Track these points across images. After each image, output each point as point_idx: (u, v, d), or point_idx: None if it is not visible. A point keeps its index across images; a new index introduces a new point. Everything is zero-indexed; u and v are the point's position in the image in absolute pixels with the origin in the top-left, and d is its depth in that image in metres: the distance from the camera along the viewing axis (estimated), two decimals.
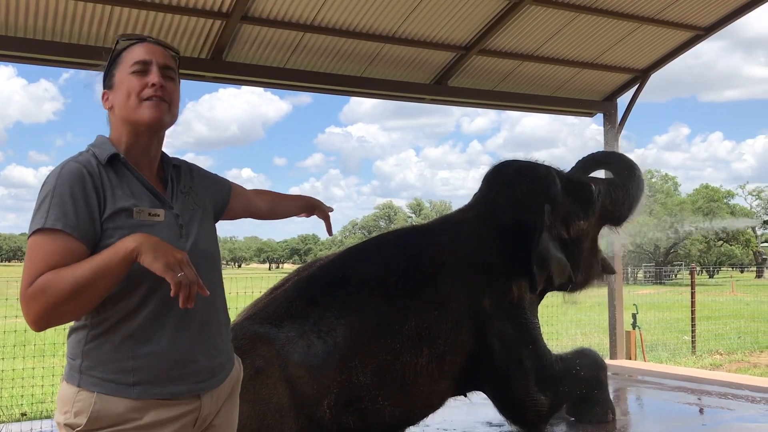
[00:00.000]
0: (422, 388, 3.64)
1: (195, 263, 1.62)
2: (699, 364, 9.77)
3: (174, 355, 1.62)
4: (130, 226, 1.59)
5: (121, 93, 1.71)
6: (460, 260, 3.90)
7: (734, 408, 4.93)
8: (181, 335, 1.63)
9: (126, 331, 1.58)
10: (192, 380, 1.64)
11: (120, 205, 1.60)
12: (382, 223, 73.31)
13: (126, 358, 1.58)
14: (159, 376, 1.60)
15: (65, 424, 1.59)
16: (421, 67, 6.49)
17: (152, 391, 1.59)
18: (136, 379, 1.58)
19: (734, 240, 45.69)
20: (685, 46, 6.93)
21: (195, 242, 1.71)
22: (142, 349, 1.59)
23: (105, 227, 1.58)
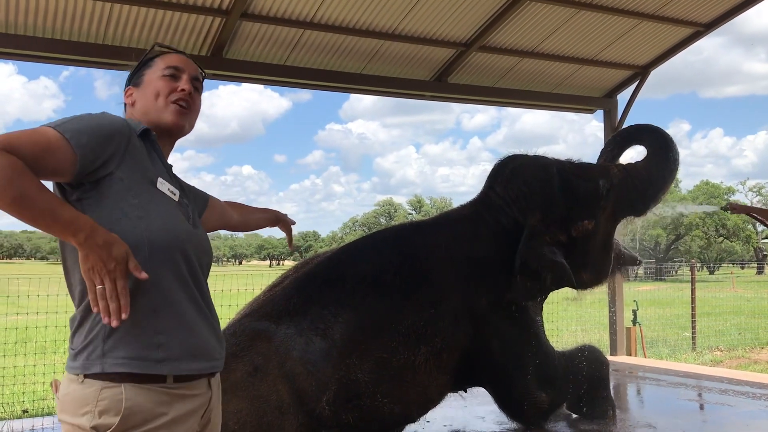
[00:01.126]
0: (420, 385, 3.65)
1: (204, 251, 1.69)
2: (699, 360, 9.78)
3: (194, 331, 1.58)
4: (151, 194, 1.58)
5: (148, 92, 1.75)
6: (458, 258, 3.89)
7: (734, 404, 4.94)
8: (195, 314, 1.60)
9: (147, 306, 1.52)
10: (209, 358, 1.62)
11: (144, 170, 1.59)
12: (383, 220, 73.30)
13: (152, 333, 1.52)
14: (184, 352, 1.55)
15: (92, 427, 1.46)
16: (422, 63, 6.49)
17: (180, 366, 1.54)
18: (163, 354, 1.52)
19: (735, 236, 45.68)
20: (685, 42, 6.92)
21: (203, 234, 1.74)
22: (166, 324, 1.54)
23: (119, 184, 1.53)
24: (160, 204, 1.58)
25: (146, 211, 1.54)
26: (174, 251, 1.56)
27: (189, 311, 1.58)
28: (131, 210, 1.52)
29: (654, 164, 4.22)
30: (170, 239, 1.56)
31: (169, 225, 1.57)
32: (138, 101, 1.76)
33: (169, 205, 1.61)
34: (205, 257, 1.70)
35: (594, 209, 4.06)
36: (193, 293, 1.60)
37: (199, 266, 1.64)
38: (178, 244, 1.57)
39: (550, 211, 3.95)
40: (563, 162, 4.21)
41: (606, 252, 4.22)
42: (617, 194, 4.14)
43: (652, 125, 4.39)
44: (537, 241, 3.86)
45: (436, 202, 75.27)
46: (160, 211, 1.57)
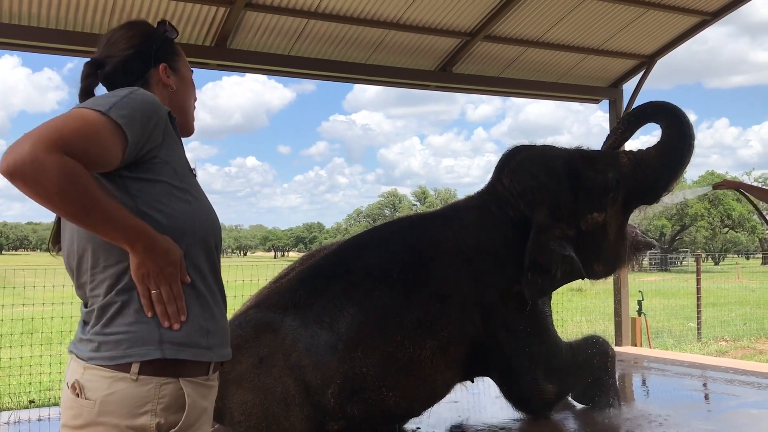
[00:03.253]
0: (427, 378, 3.64)
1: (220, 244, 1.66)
2: (704, 350, 9.77)
3: (224, 318, 1.59)
4: (190, 180, 1.55)
5: (188, 91, 1.75)
6: (465, 250, 3.88)
7: (740, 394, 4.93)
8: (221, 301, 1.60)
9: (192, 293, 1.48)
10: (229, 345, 1.61)
11: (181, 156, 1.57)
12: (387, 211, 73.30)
13: (200, 319, 1.48)
14: (222, 339, 1.54)
15: (156, 426, 1.37)
16: (426, 53, 6.46)
17: (221, 352, 1.53)
18: (210, 341, 1.49)
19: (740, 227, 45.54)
20: (691, 31, 6.87)
21: None
22: (209, 311, 1.51)
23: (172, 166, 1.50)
24: (199, 190, 1.58)
25: (193, 196, 1.52)
26: (210, 239, 1.55)
27: (218, 298, 1.57)
28: (181, 194, 1.49)
29: (667, 153, 4.07)
30: (210, 226, 1.56)
31: (208, 213, 1.57)
32: (179, 93, 1.71)
33: (203, 192, 1.60)
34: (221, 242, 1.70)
35: (603, 201, 3.97)
36: (219, 281, 1.60)
37: (218, 255, 1.64)
38: (214, 232, 1.57)
39: (558, 206, 3.89)
40: (572, 152, 4.11)
41: (619, 241, 4.14)
42: (627, 184, 4.04)
43: (669, 104, 4.17)
44: (545, 236, 3.82)
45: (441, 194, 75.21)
46: (201, 198, 1.56)
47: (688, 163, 4.13)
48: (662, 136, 4.11)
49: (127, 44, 1.66)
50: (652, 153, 4.08)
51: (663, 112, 4.17)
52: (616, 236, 4.11)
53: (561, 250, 3.81)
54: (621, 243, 4.16)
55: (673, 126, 4.08)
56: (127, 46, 1.66)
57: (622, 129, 4.34)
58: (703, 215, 43.85)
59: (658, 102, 4.25)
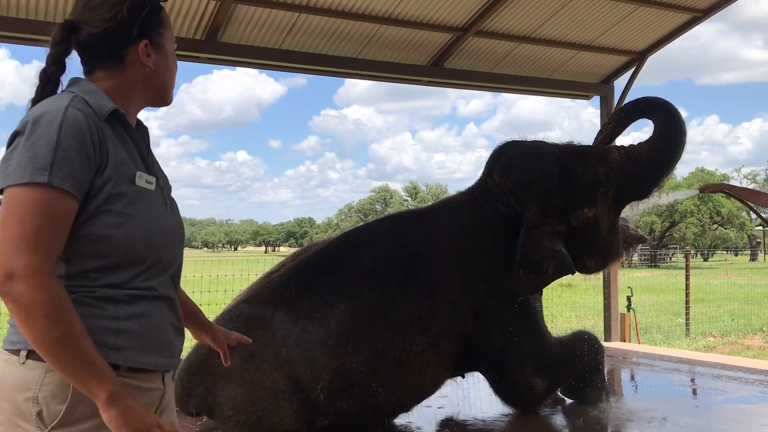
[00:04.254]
0: (417, 375, 3.65)
1: (179, 243, 1.58)
2: (693, 346, 9.84)
3: (154, 323, 1.48)
4: (131, 194, 1.43)
5: (170, 67, 1.61)
6: (456, 246, 3.88)
7: (727, 389, 4.97)
8: (160, 308, 1.50)
9: (104, 293, 1.41)
10: (168, 353, 1.52)
11: (122, 168, 1.43)
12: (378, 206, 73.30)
13: (108, 317, 1.41)
14: (142, 343, 1.45)
15: (36, 414, 1.34)
16: (418, 48, 6.45)
17: (137, 358, 1.43)
18: (120, 342, 1.41)
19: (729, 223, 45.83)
20: (682, 28, 6.89)
21: (179, 219, 1.60)
22: (125, 310, 1.42)
23: (106, 190, 1.39)
24: (140, 203, 1.45)
25: (126, 216, 1.42)
26: (150, 252, 1.46)
27: (155, 306, 1.49)
28: (111, 218, 1.40)
29: (659, 148, 4.06)
30: (148, 243, 1.45)
31: (147, 229, 1.45)
32: (158, 71, 1.57)
33: (148, 201, 1.48)
34: (179, 248, 1.59)
35: (593, 197, 3.97)
36: (164, 289, 1.51)
37: (172, 260, 1.55)
38: (155, 250, 1.47)
39: (548, 202, 3.89)
40: (562, 148, 4.11)
41: (611, 236, 4.14)
42: (618, 180, 4.04)
43: (661, 100, 4.17)
44: (536, 232, 3.83)
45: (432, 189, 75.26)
46: (139, 212, 1.44)
47: (679, 158, 4.14)
48: (654, 131, 4.11)
49: (108, 12, 1.51)
50: (644, 148, 4.08)
51: (655, 108, 4.17)
52: (607, 231, 4.12)
53: (551, 246, 3.81)
54: (612, 238, 4.16)
55: (665, 122, 4.08)
56: (109, 16, 1.51)
57: (613, 124, 4.34)
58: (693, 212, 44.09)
59: (650, 98, 4.24)
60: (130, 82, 1.55)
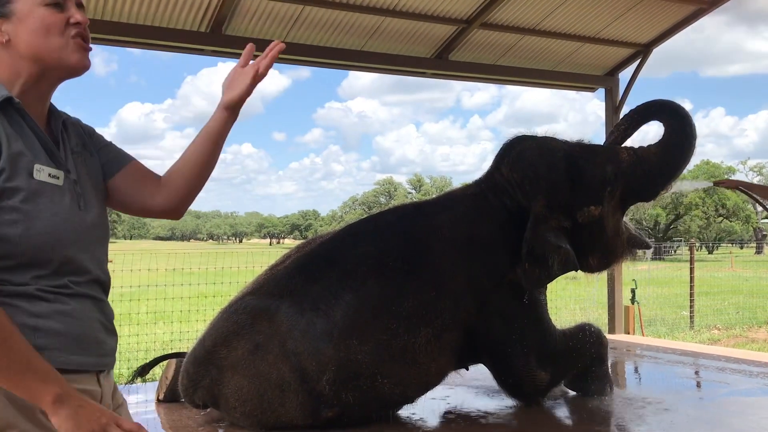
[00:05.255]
0: (421, 366, 3.66)
1: (96, 241, 1.48)
2: (697, 339, 9.84)
3: (81, 321, 1.40)
4: (29, 188, 1.33)
5: (31, 27, 1.41)
6: (461, 238, 3.89)
7: (731, 382, 4.97)
8: (81, 307, 1.42)
9: (14, 290, 1.33)
10: (98, 353, 1.44)
11: (18, 161, 1.33)
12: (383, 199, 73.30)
13: (27, 315, 1.32)
14: (68, 342, 1.36)
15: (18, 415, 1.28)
16: (422, 40, 6.44)
17: (58, 358, 1.33)
18: (40, 341, 1.32)
19: (734, 216, 45.72)
20: (688, 20, 6.86)
21: (97, 216, 1.49)
22: (46, 307, 1.34)
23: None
24: (39, 199, 1.36)
25: (24, 213, 1.33)
26: (56, 251, 1.37)
27: (78, 304, 1.41)
28: (5, 215, 1.31)
29: (668, 151, 4.04)
30: (51, 241, 1.36)
31: (50, 224, 1.36)
32: (18, 40, 1.41)
33: (51, 197, 1.38)
34: (103, 242, 1.51)
35: (600, 195, 3.97)
36: (84, 289, 1.43)
37: (86, 260, 1.44)
38: (60, 249, 1.38)
39: (555, 197, 3.90)
40: (572, 145, 4.10)
41: (615, 236, 4.14)
42: (625, 180, 4.04)
43: (673, 103, 4.16)
44: (542, 227, 3.84)
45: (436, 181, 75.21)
46: (39, 209, 1.35)
47: (688, 162, 4.14)
48: (664, 134, 4.10)
49: None
50: (653, 150, 4.07)
51: (666, 111, 4.15)
52: (612, 231, 4.12)
53: (557, 241, 3.83)
54: (616, 238, 4.17)
55: (676, 125, 4.07)
56: None
57: (625, 126, 4.31)
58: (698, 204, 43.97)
59: (662, 100, 4.23)
60: (5, 63, 1.44)
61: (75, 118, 1.61)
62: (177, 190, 1.63)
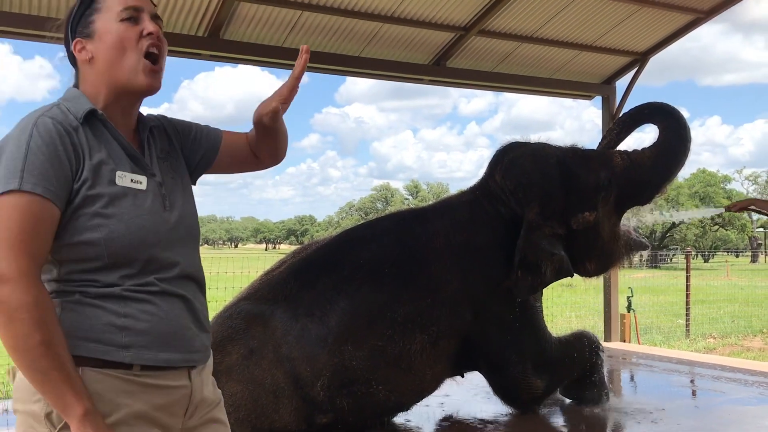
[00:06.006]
0: (416, 373, 3.66)
1: (181, 239, 1.53)
2: (693, 347, 9.84)
3: (167, 319, 1.46)
4: (111, 194, 1.41)
5: (109, 44, 1.49)
6: (456, 245, 3.88)
7: (727, 391, 4.97)
8: (168, 305, 1.47)
9: (102, 292, 1.41)
10: (187, 349, 1.49)
11: (100, 170, 1.42)
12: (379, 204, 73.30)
13: (115, 315, 1.40)
14: (153, 339, 1.42)
15: (46, 414, 1.36)
16: (420, 47, 6.45)
17: (146, 355, 1.41)
18: (127, 339, 1.39)
19: (730, 225, 45.81)
20: (685, 29, 6.89)
21: (181, 216, 1.55)
22: (133, 306, 1.41)
23: (82, 193, 1.39)
24: (122, 203, 1.43)
25: (106, 217, 1.41)
26: (139, 251, 1.43)
27: (164, 303, 1.46)
28: (88, 220, 1.40)
29: (662, 154, 4.03)
30: (134, 242, 1.43)
31: (132, 226, 1.43)
32: (98, 57, 1.50)
33: (133, 200, 1.45)
34: (190, 241, 1.57)
35: (594, 201, 3.96)
36: (173, 287, 1.48)
37: (172, 258, 1.50)
38: (144, 249, 1.44)
39: (549, 204, 3.89)
40: (565, 150, 4.10)
41: (612, 241, 4.14)
42: (619, 185, 4.03)
43: (667, 106, 4.15)
44: (536, 234, 3.84)
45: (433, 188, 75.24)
46: (121, 213, 1.43)
47: (682, 165, 4.12)
48: (659, 137, 4.10)
49: (63, 26, 1.60)
50: (647, 154, 4.07)
51: (660, 114, 4.14)
52: (608, 235, 4.12)
53: (550, 249, 3.82)
54: (613, 242, 4.16)
55: (670, 128, 4.06)
56: (63, 31, 1.59)
57: (617, 129, 4.31)
58: None
59: (656, 103, 4.22)
60: (90, 82, 1.53)
61: (161, 117, 1.69)
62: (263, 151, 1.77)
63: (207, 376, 1.60)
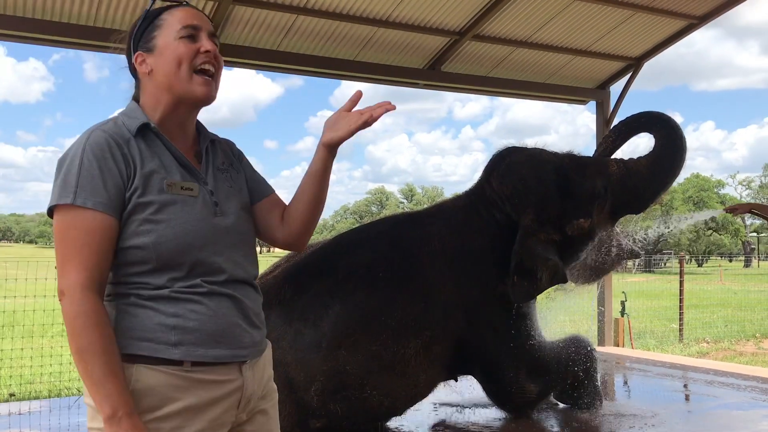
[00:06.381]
0: (410, 377, 3.65)
1: (233, 245, 1.60)
2: (686, 351, 9.86)
3: (215, 317, 1.53)
4: (161, 201, 1.50)
5: (168, 59, 1.59)
6: (451, 249, 3.88)
7: (719, 395, 4.98)
8: (216, 304, 1.55)
9: (153, 294, 1.51)
10: (235, 345, 1.56)
11: (151, 178, 1.51)
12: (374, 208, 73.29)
13: (165, 315, 1.49)
14: (202, 337, 1.51)
15: None
16: (415, 51, 6.46)
17: (195, 352, 1.50)
18: (177, 337, 1.49)
19: (723, 229, 45.94)
20: (679, 34, 6.92)
21: (234, 222, 1.62)
22: (182, 306, 1.50)
23: (133, 201, 1.49)
24: (171, 210, 1.52)
25: (155, 223, 1.50)
26: (187, 255, 1.51)
27: (213, 302, 1.54)
28: (138, 226, 1.49)
29: (658, 163, 4.05)
30: (182, 246, 1.51)
31: (180, 231, 1.51)
32: (157, 71, 1.60)
33: (183, 207, 1.53)
34: (243, 246, 1.64)
35: (590, 208, 3.97)
36: (222, 288, 1.56)
37: (224, 259, 1.57)
38: (191, 253, 1.52)
39: (545, 210, 3.90)
40: (562, 157, 4.10)
41: (603, 246, 4.17)
42: (615, 193, 4.04)
43: (663, 115, 4.17)
44: (531, 240, 3.83)
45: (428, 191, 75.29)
46: (170, 219, 1.51)
47: (678, 174, 4.14)
48: (655, 146, 4.11)
49: (124, 42, 1.68)
50: (643, 162, 4.08)
51: (657, 123, 4.15)
52: (601, 242, 4.14)
53: (545, 254, 3.82)
54: (607, 249, 4.18)
55: (667, 137, 4.07)
56: (125, 45, 1.67)
57: (613, 137, 4.31)
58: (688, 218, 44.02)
59: (652, 112, 4.23)
60: (149, 93, 1.62)
61: (226, 140, 1.81)
62: (295, 227, 1.77)
63: (261, 370, 1.68)
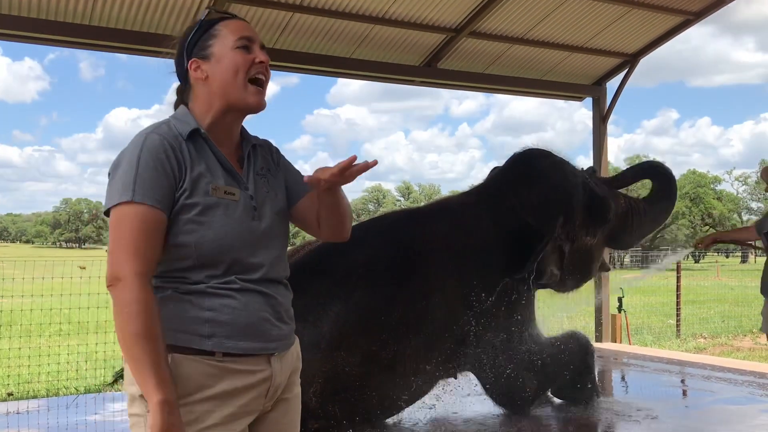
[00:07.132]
0: (409, 377, 3.65)
1: (268, 246, 1.70)
2: (683, 347, 9.88)
3: (246, 312, 1.64)
4: (205, 204, 1.61)
5: (224, 67, 1.69)
6: (453, 247, 3.88)
7: (717, 390, 5.00)
8: (248, 300, 1.65)
9: (191, 289, 1.61)
10: (264, 338, 1.67)
11: (198, 181, 1.61)
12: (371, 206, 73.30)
13: (200, 308, 1.60)
14: (234, 330, 1.61)
15: (140, 395, 1.56)
16: (411, 49, 6.46)
17: (226, 344, 1.60)
18: (211, 330, 1.60)
19: (720, 225, 46.04)
20: (675, 30, 6.93)
21: (269, 226, 1.72)
22: (216, 301, 1.61)
23: (181, 201, 1.59)
24: (213, 212, 1.61)
25: (199, 224, 1.60)
26: (225, 254, 1.61)
27: (245, 298, 1.64)
28: (183, 225, 1.59)
29: (657, 209, 4.62)
30: (221, 246, 1.61)
31: (220, 233, 1.61)
32: (213, 77, 1.69)
33: (225, 210, 1.63)
34: (277, 246, 1.74)
35: (598, 230, 4.31)
36: (254, 285, 1.65)
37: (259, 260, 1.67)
38: (229, 253, 1.62)
39: (569, 221, 4.11)
40: (582, 173, 4.41)
41: (593, 262, 4.49)
42: (617, 223, 4.41)
43: (666, 168, 4.73)
44: (550, 246, 4.01)
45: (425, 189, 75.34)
46: (212, 220, 1.61)
47: (666, 219, 4.94)
48: (654, 192, 4.66)
49: (176, 48, 1.77)
50: (642, 205, 4.58)
51: (660, 175, 4.72)
52: (591, 258, 4.43)
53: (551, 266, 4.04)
54: (595, 263, 4.52)
55: (666, 188, 4.66)
56: (177, 51, 1.76)
57: (630, 176, 4.88)
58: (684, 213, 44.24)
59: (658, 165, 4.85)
60: (202, 99, 1.71)
61: (265, 141, 1.87)
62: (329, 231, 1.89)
63: (288, 362, 1.79)
